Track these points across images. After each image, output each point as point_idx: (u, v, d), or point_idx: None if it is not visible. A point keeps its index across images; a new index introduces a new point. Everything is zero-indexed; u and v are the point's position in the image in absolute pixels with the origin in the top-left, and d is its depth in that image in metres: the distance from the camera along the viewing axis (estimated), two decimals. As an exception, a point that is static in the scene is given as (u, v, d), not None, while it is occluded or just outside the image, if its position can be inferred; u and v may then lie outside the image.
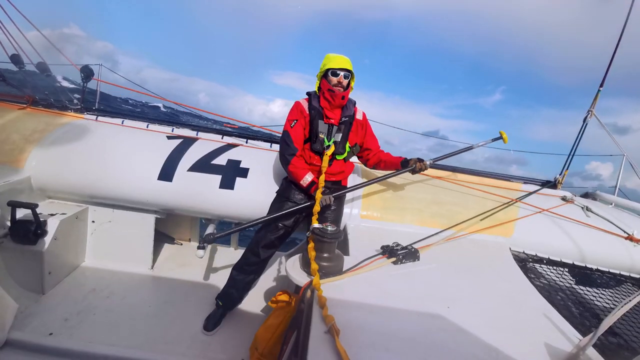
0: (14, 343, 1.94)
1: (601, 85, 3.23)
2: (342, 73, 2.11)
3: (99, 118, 2.99)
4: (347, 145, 2.29)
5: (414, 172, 2.30)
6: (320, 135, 2.20)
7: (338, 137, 2.23)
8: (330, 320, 1.20)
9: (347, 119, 2.24)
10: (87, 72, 3.17)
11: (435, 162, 2.40)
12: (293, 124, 2.20)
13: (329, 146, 2.21)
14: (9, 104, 2.98)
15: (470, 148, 2.59)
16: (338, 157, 2.27)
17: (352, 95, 2.30)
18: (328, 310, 1.25)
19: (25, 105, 2.98)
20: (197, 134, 2.95)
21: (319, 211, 2.00)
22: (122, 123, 2.97)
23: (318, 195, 2.05)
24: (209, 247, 3.33)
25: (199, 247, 1.90)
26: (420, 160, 2.29)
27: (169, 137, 2.82)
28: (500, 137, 2.60)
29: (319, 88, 2.22)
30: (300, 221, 2.32)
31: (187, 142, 2.76)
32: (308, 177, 2.15)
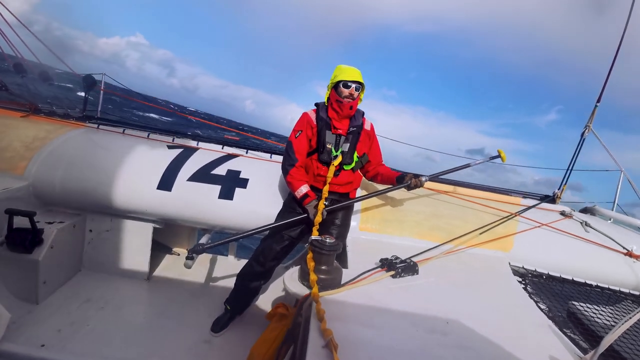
0: (4, 355, 1.90)
1: (598, 101, 3.28)
2: (353, 85, 2.12)
3: (101, 126, 3.01)
4: (355, 155, 2.28)
5: (409, 188, 2.28)
6: (327, 146, 2.20)
7: (346, 147, 2.23)
8: (328, 334, 1.19)
9: (355, 129, 2.24)
10: (89, 82, 3.20)
11: (432, 177, 2.40)
12: (297, 134, 2.22)
13: (336, 156, 2.21)
14: (12, 111, 3.00)
15: (467, 166, 2.61)
16: (346, 168, 2.26)
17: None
18: (326, 324, 1.24)
19: (27, 113, 3.00)
20: (197, 144, 2.96)
21: (320, 223, 1.98)
22: (124, 132, 2.98)
23: (320, 205, 2.05)
24: (208, 257, 3.30)
25: (187, 258, 1.88)
26: (416, 176, 2.27)
27: (170, 147, 2.83)
28: (499, 156, 2.62)
29: (328, 99, 2.23)
30: (306, 233, 2.30)
31: (188, 152, 2.77)
32: (303, 189, 2.15)
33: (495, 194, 3.08)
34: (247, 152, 2.98)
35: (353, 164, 2.28)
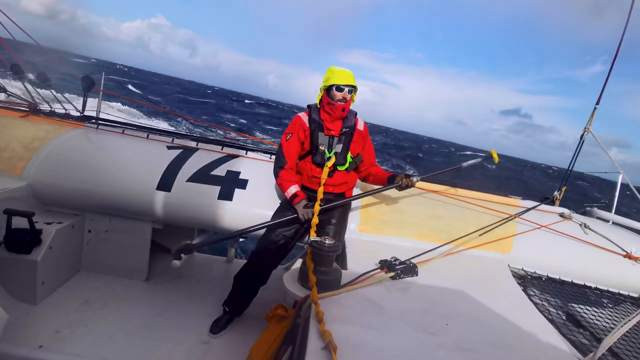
0: (2, 356, 1.89)
1: (597, 103, 3.28)
2: (346, 88, 2.14)
3: (100, 127, 3.00)
4: (349, 155, 2.30)
5: (400, 188, 2.29)
6: (320, 147, 2.22)
7: (339, 148, 2.25)
8: (327, 336, 1.19)
9: (347, 129, 2.26)
10: (88, 83, 3.20)
11: (424, 178, 2.40)
12: (288, 137, 2.26)
13: (329, 157, 2.23)
14: (10, 111, 3.00)
15: (459, 167, 2.62)
16: (339, 168, 2.28)
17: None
18: (325, 326, 1.24)
19: (26, 113, 3.00)
20: (197, 145, 2.96)
21: (316, 224, 1.99)
22: (123, 132, 2.98)
23: (316, 207, 2.05)
24: (207, 258, 3.30)
25: (174, 258, 1.90)
26: (407, 176, 2.29)
27: (169, 147, 2.83)
28: (490, 156, 2.63)
29: (320, 101, 2.25)
30: (302, 233, 2.31)
31: (187, 152, 2.77)
32: (292, 189, 2.19)
33: (495, 195, 3.08)
34: (246, 153, 2.98)
35: (347, 165, 2.29)
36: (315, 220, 1.99)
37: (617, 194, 3.34)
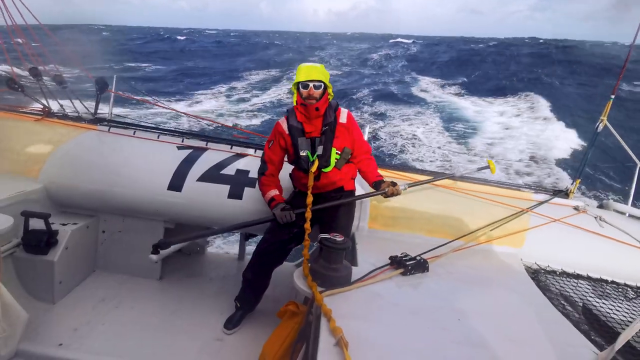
0: (23, 354, 1.95)
1: (612, 94, 3.19)
2: (311, 84, 2.05)
3: (112, 129, 3.05)
4: (334, 153, 2.20)
5: (385, 196, 2.20)
6: (302, 153, 2.17)
7: (320, 149, 2.17)
8: (338, 333, 1.19)
9: (327, 127, 2.17)
10: (101, 84, 3.25)
11: (411, 186, 2.34)
12: (270, 144, 2.25)
13: (313, 162, 2.16)
14: (25, 115, 3.07)
15: (451, 176, 2.60)
16: (324, 170, 2.20)
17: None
18: (336, 322, 1.25)
19: (40, 117, 3.07)
20: (206, 144, 2.99)
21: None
22: (134, 134, 3.02)
23: (308, 214, 2.01)
24: (218, 255, 3.33)
25: (152, 253, 1.93)
26: (393, 184, 2.18)
27: (179, 147, 2.86)
28: (488, 167, 2.58)
29: (296, 102, 2.18)
30: (300, 233, 2.28)
31: (197, 152, 2.80)
32: (270, 193, 2.21)
33: (506, 189, 3.03)
34: (255, 152, 3.00)
35: (331, 166, 2.21)
36: (307, 226, 1.95)
37: (634, 185, 3.25)
